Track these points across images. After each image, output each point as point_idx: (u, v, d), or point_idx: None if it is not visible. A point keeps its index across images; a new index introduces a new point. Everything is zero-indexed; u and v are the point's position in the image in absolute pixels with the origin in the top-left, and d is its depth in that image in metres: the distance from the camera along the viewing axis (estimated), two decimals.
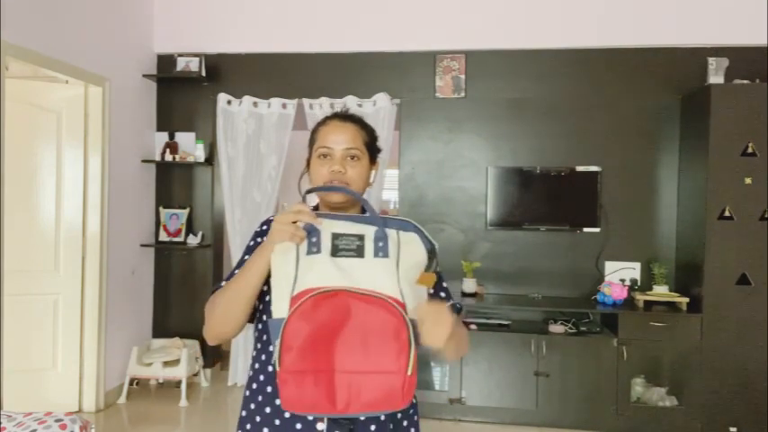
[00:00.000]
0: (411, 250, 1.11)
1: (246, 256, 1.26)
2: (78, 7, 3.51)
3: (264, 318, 1.22)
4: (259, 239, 1.29)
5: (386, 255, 1.07)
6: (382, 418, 1.16)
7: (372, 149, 1.29)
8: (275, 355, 1.00)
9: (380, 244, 1.08)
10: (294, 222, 1.07)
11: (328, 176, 1.21)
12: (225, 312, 1.16)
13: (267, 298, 1.20)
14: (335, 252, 1.07)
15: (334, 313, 1.00)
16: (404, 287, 1.06)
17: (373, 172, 1.30)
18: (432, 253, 1.14)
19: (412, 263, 1.10)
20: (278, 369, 1.00)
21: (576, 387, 3.56)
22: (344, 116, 1.28)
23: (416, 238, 1.12)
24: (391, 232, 1.11)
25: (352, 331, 1.00)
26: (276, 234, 1.07)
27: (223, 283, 1.23)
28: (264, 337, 1.22)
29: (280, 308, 1.05)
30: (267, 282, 1.17)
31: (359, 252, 1.07)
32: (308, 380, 0.99)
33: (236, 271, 1.24)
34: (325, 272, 1.04)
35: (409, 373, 1.00)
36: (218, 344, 1.27)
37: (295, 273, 1.06)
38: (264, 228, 1.30)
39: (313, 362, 0.99)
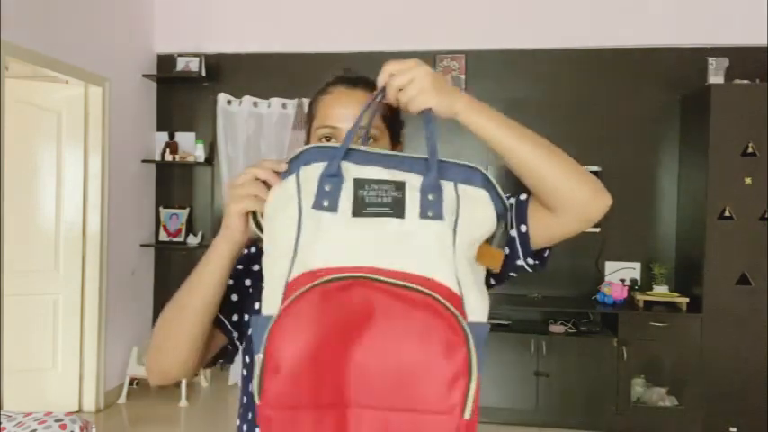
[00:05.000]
0: (477, 214, 0.74)
1: None
2: (78, 7, 3.51)
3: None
4: (247, 249, 0.98)
5: (438, 216, 0.70)
6: None
7: (394, 124, 0.95)
8: (255, 380, 0.63)
9: (431, 198, 0.71)
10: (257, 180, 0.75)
11: None
12: (164, 335, 0.82)
13: (258, 305, 0.86)
14: (360, 209, 0.69)
15: (350, 315, 0.64)
16: (462, 271, 0.70)
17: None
18: (502, 219, 0.77)
19: (477, 234, 0.74)
20: (257, 401, 0.63)
21: (576, 387, 3.55)
22: (354, 80, 0.92)
23: (485, 196, 0.76)
24: (446, 185, 0.74)
25: (378, 344, 0.64)
26: (231, 204, 0.75)
27: None
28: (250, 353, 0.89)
29: (271, 299, 0.69)
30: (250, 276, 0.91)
31: (396, 209, 0.69)
32: (305, 419, 0.63)
33: None
34: (341, 241, 0.68)
35: (467, 415, 0.63)
36: (162, 384, 0.87)
37: (295, 241, 0.69)
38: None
39: (313, 392, 0.63)
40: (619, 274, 3.92)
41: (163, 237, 4.35)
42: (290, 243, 0.69)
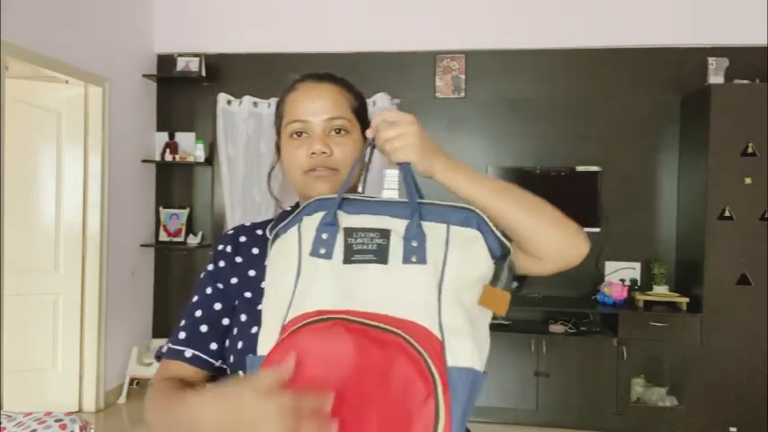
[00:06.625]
0: (468, 256, 0.74)
1: (196, 297, 0.93)
2: (78, 7, 3.51)
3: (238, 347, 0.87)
4: (214, 265, 0.97)
5: (422, 260, 0.72)
6: None
7: (364, 118, 0.96)
8: None
9: (414, 244, 0.73)
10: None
11: (307, 162, 0.88)
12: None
13: (244, 318, 0.90)
14: (349, 256, 0.73)
15: (330, 353, 0.66)
16: (449, 314, 0.70)
17: (368, 149, 0.92)
18: (502, 261, 0.78)
19: (470, 277, 0.74)
20: None
21: (576, 387, 3.55)
22: (320, 75, 0.93)
23: (478, 237, 0.75)
24: (436, 227, 0.75)
25: (350, 388, 0.65)
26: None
27: (165, 348, 0.89)
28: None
29: (267, 340, 0.73)
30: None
31: (379, 255, 0.73)
32: None
33: (183, 323, 0.90)
34: (332, 286, 0.72)
35: None
36: None
37: (293, 286, 0.75)
38: (221, 248, 0.98)
39: None
40: (619, 274, 3.92)
41: (163, 237, 4.35)
42: (288, 288, 0.75)
